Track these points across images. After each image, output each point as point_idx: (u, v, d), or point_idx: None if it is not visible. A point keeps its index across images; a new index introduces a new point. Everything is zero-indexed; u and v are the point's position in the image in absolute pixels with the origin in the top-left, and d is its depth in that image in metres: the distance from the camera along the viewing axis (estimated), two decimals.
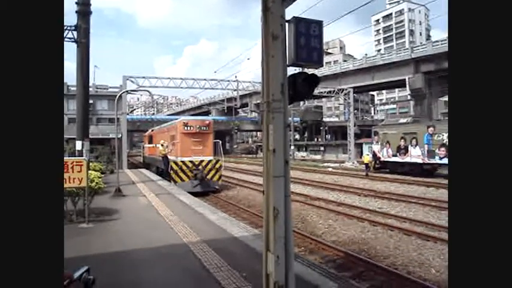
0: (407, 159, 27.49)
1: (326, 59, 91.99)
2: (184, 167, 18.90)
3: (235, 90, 41.37)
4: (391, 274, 7.57)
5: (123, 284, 4.98)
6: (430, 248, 9.29)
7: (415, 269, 8.08)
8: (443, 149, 24.32)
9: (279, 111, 3.16)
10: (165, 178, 20.11)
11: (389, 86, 60.72)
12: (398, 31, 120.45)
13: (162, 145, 20.33)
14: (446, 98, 55.96)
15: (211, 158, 19.74)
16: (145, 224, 8.92)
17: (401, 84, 50.90)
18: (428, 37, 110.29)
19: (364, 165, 29.53)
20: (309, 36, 3.53)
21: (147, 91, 22.53)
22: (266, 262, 3.58)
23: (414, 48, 48.39)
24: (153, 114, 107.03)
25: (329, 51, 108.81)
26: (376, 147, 30.98)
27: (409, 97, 55.35)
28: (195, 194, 15.72)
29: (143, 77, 33.45)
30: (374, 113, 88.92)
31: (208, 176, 19.22)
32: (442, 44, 43.47)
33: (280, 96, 3.17)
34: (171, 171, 18.83)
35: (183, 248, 6.69)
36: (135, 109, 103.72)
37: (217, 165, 19.60)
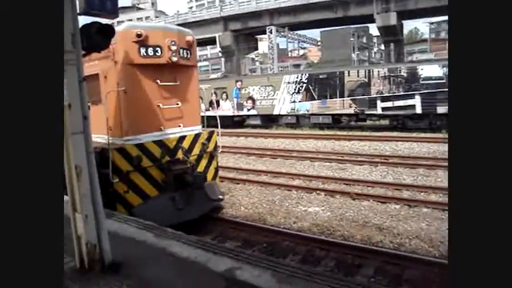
0: (219, 112, 29.26)
1: (137, 15, 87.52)
2: (145, 162, 6.71)
3: None
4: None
5: None
6: (240, 190, 10.43)
7: (227, 210, 8.97)
8: (250, 101, 26.78)
9: (71, 64, 2.96)
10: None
11: (202, 43, 62.14)
12: None
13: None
14: (252, 55, 60.88)
15: (199, 128, 8.30)
16: None
17: (212, 41, 52.88)
18: None
19: None
20: None
21: None
22: (75, 223, 3.46)
23: (223, 7, 50.41)
24: None
25: (140, 6, 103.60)
26: None
27: (220, 54, 57.92)
28: (179, 227, 5.21)
29: None
30: None
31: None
32: (247, 4, 46.59)
33: (71, 47, 2.97)
34: (115, 179, 6.23)
35: None
36: None
37: (211, 146, 8.24)
